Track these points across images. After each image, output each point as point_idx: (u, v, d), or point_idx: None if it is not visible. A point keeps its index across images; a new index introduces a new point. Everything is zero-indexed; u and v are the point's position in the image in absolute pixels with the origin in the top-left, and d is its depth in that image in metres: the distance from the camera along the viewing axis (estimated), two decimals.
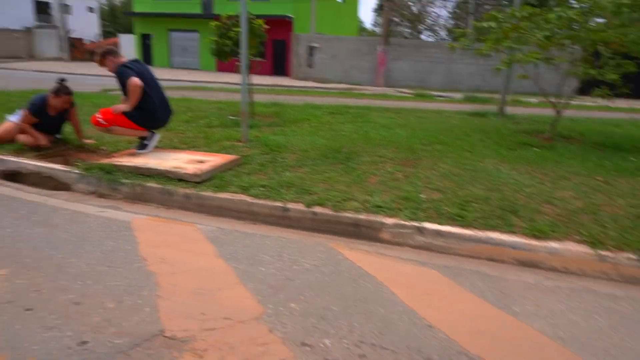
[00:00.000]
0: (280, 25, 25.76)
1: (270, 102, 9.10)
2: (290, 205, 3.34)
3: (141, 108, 4.33)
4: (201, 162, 4.14)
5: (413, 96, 15.73)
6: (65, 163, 4.74)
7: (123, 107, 4.32)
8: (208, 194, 3.57)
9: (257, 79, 20.43)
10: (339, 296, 2.28)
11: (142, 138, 4.51)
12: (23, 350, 1.76)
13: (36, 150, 4.79)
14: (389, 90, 18.13)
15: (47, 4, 38.10)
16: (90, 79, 18.21)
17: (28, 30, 33.17)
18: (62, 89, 4.63)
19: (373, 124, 6.87)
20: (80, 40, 34.61)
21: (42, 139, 4.77)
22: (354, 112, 8.32)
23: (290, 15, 25.42)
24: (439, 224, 3.06)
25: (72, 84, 4.79)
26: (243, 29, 5.07)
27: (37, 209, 3.33)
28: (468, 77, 20.64)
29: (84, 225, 3.07)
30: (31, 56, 32.58)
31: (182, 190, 3.66)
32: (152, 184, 3.76)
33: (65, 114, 4.86)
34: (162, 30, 29.84)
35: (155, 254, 2.62)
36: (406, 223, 3.07)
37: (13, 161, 4.35)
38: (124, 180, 3.85)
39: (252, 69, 7.29)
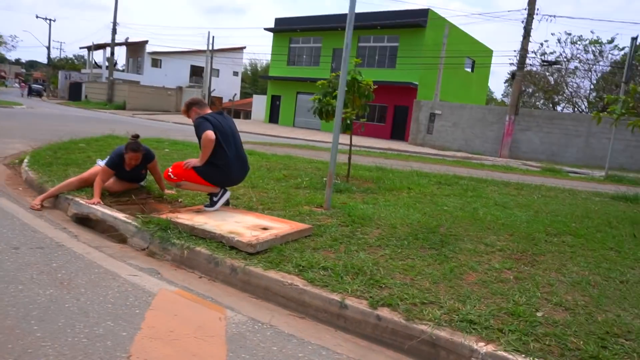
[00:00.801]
0: (405, 91, 25.66)
1: (375, 166, 8.46)
2: (350, 301, 2.53)
3: (213, 164, 3.96)
4: (265, 228, 3.56)
5: (541, 170, 13.90)
6: (141, 212, 4.57)
7: (194, 161, 4.00)
8: (257, 270, 2.92)
9: (370, 142, 20.29)
10: None
11: (212, 195, 4.12)
12: None
13: (116, 196, 4.70)
14: (513, 162, 16.37)
15: (201, 68, 43.57)
16: None
17: (179, 89, 37.90)
18: (129, 146, 4.50)
19: (485, 200, 5.75)
20: (219, 98, 38.49)
21: (116, 187, 4.69)
22: (465, 183, 7.23)
23: (415, 83, 25.22)
24: None
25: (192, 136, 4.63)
26: (341, 87, 4.58)
27: (70, 263, 2.99)
28: (612, 153, 17.96)
29: (101, 291, 2.60)
30: (177, 110, 36.98)
31: (230, 261, 3.07)
32: (201, 249, 3.25)
33: (141, 168, 4.74)
34: (291, 93, 31.83)
35: (147, 351, 2.00)
36: (508, 356, 2.04)
37: (85, 205, 4.23)
38: (175, 241, 3.40)
39: (355, 130, 6.79)
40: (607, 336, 2.23)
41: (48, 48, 51.53)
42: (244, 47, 50.09)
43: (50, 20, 49.43)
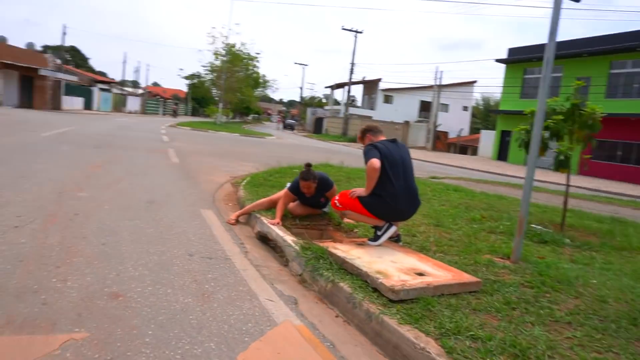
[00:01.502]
0: None
1: (610, 217, 6.70)
2: None
3: (378, 195, 3.67)
4: (420, 274, 3.05)
5: None
6: (319, 237, 4.59)
7: (360, 191, 3.78)
8: (391, 322, 2.47)
9: (617, 187, 16.49)
10: None
11: (376, 228, 3.81)
12: None
13: (299, 220, 4.86)
14: None
15: (430, 103, 44.14)
16: (434, 166, 19.17)
17: (406, 123, 39.00)
18: (300, 174, 4.57)
19: None
20: (444, 133, 37.93)
21: (298, 211, 4.83)
22: None
23: None
24: None
25: (418, 170, 4.47)
26: (539, 111, 3.74)
27: (223, 277, 3.10)
28: None
29: (231, 310, 2.57)
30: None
31: (367, 304, 2.69)
32: (344, 285, 2.97)
33: (319, 196, 4.77)
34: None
35: None
36: None
37: (266, 225, 4.47)
38: (324, 272, 3.22)
39: (581, 169, 5.51)
40: None
41: (301, 88, 60.67)
42: (475, 81, 48.44)
43: (303, 65, 58.16)
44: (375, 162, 3.56)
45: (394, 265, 3.21)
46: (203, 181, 7.23)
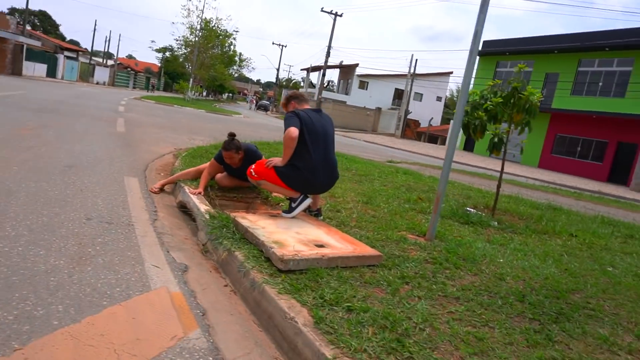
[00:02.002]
0: (634, 126, 21.00)
1: (547, 204, 6.77)
2: None
3: (295, 165, 3.52)
4: (321, 246, 2.94)
5: None
6: (245, 209, 4.43)
7: (276, 160, 3.62)
8: (271, 291, 2.34)
9: (579, 182, 16.92)
10: None
11: (291, 200, 3.67)
12: None
13: (226, 191, 4.68)
14: None
15: (404, 91, 44.24)
16: (397, 152, 19.22)
17: (378, 110, 39.01)
18: (224, 144, 4.40)
19: None
20: (415, 121, 38.12)
21: (225, 182, 4.65)
22: None
23: None
24: None
25: (379, 155, 4.26)
26: (462, 94, 3.64)
27: (114, 242, 2.90)
28: None
29: (107, 274, 2.39)
30: (373, 130, 38.07)
31: (255, 274, 2.56)
32: (239, 254, 2.83)
33: (246, 166, 4.62)
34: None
35: (46, 347, 1.64)
36: None
37: (187, 194, 4.27)
38: (224, 241, 3.07)
39: (541, 162, 5.50)
40: None
41: (277, 70, 59.70)
42: (451, 72, 48.72)
43: (282, 46, 57.12)
44: (293, 131, 3.40)
45: (297, 236, 3.08)
46: (143, 151, 6.94)
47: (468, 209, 5.37)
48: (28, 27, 38.00)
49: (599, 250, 4.16)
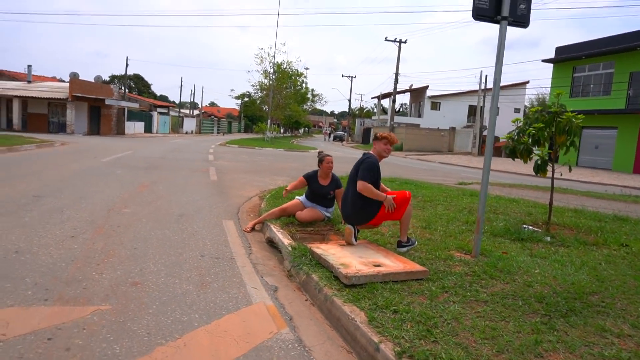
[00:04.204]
0: None
1: (611, 215, 6.88)
2: (384, 346, 2.50)
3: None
4: (378, 265, 3.72)
5: None
6: (321, 241, 5.32)
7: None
8: (338, 301, 3.17)
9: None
10: None
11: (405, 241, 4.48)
12: None
13: (304, 226, 5.62)
14: None
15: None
16: (475, 172, 19.18)
17: (452, 130, 38.72)
18: (322, 155, 5.78)
19: None
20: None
21: (304, 216, 5.61)
22: None
23: None
24: None
25: (450, 177, 5.16)
26: (492, 113, 4.28)
27: (223, 272, 3.91)
28: None
29: (219, 295, 3.38)
30: (449, 150, 37.75)
31: (327, 289, 3.41)
32: (315, 276, 3.70)
33: (330, 188, 5.61)
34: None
35: (192, 337, 2.60)
36: None
37: (272, 231, 5.27)
38: (304, 267, 3.96)
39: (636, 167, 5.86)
40: None
41: (349, 100, 61.44)
42: (527, 82, 47.09)
43: (351, 77, 59.07)
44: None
45: (359, 259, 3.89)
46: (233, 196, 8.18)
47: (525, 225, 5.81)
48: (126, 91, 43.46)
49: None
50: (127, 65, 46.74)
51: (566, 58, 28.37)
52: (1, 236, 4.43)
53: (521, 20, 4.18)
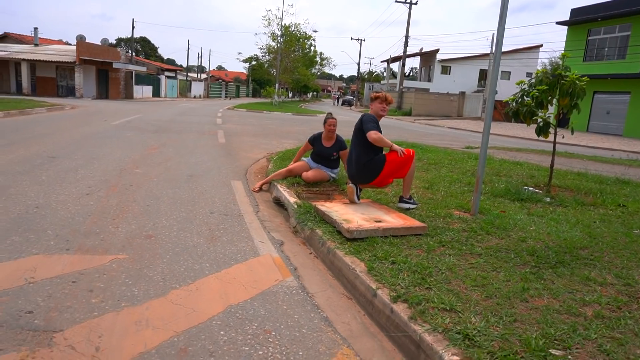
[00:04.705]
0: None
1: (613, 178, 6.97)
2: (381, 292, 2.70)
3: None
4: (378, 221, 3.89)
5: None
6: (325, 199, 5.50)
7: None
8: (340, 253, 3.36)
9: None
10: None
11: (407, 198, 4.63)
12: None
13: (310, 186, 5.78)
14: None
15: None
16: (481, 136, 19.11)
17: (461, 94, 38.20)
18: (328, 115, 5.94)
19: None
20: (501, 102, 36.67)
21: (311, 177, 5.76)
22: None
23: None
24: None
25: (458, 141, 5.16)
26: (492, 78, 4.34)
27: (232, 227, 4.12)
28: None
29: (229, 247, 3.58)
30: (459, 115, 37.38)
31: (330, 242, 3.60)
32: (319, 231, 3.89)
33: (334, 149, 5.73)
34: (587, 93, 27.59)
35: (203, 282, 2.81)
36: None
37: (279, 191, 5.45)
38: (308, 223, 4.15)
39: None
40: None
41: (358, 64, 60.50)
42: (540, 46, 46.04)
43: (361, 40, 57.88)
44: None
45: (361, 215, 4.06)
46: (241, 158, 8.35)
47: (526, 187, 5.92)
48: (133, 54, 43.16)
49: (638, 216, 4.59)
50: (133, 27, 46.18)
51: (581, 20, 27.54)
52: (21, 193, 4.65)
53: None
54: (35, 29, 36.33)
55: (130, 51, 43.79)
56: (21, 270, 2.80)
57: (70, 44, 42.19)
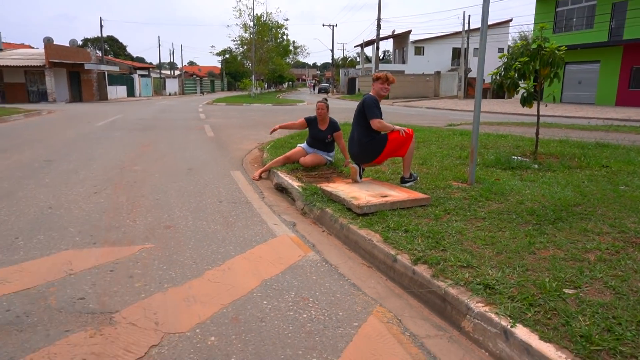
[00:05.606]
0: None
1: (593, 143, 7.34)
2: (401, 257, 2.92)
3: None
4: (384, 196, 4.11)
5: None
6: (326, 181, 5.69)
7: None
8: (354, 227, 3.56)
9: (637, 113, 16.26)
10: None
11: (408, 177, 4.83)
12: None
13: (308, 170, 5.96)
14: None
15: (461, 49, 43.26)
16: (463, 115, 19.53)
17: (437, 74, 38.66)
18: (322, 99, 6.02)
19: None
20: (475, 79, 37.29)
21: (308, 161, 5.93)
22: None
23: None
24: (543, 337, 1.96)
25: (439, 120, 5.35)
26: (481, 48, 4.56)
27: (243, 213, 4.28)
28: None
29: (246, 231, 3.75)
30: (435, 95, 37.89)
31: (342, 219, 3.80)
32: (329, 209, 4.08)
33: (328, 132, 5.90)
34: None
35: (230, 261, 2.99)
36: (494, 317, 2.14)
37: (280, 177, 5.62)
38: (317, 203, 4.34)
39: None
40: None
41: (332, 50, 60.39)
42: (510, 20, 46.62)
43: (332, 26, 57.72)
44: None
45: (367, 192, 4.27)
46: (234, 149, 8.46)
47: (514, 157, 6.22)
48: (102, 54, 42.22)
49: (625, 175, 4.92)
50: (101, 26, 45.09)
51: None
52: (30, 196, 4.72)
53: None
54: None
55: (99, 51, 42.78)
56: (58, 264, 2.92)
57: (33, 47, 41.03)
